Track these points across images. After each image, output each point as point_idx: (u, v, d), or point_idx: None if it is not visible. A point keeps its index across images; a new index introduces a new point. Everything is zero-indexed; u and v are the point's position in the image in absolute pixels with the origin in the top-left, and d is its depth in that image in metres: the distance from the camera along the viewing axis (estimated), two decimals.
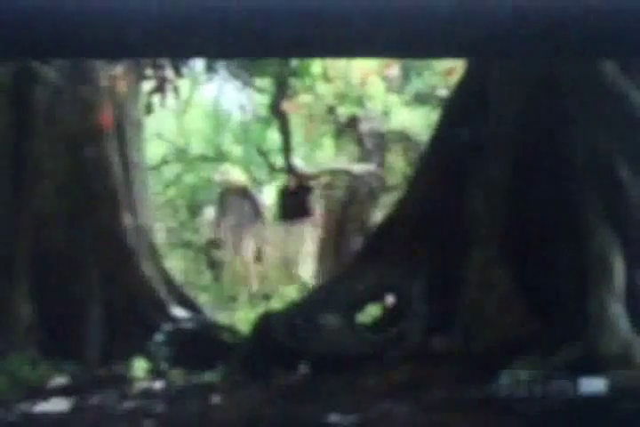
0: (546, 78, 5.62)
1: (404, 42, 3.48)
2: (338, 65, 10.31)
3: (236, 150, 13.53)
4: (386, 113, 10.58)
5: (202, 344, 6.37)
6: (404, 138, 10.69)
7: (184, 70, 7.98)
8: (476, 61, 6.10)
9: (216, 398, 5.03)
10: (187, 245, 12.00)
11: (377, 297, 5.85)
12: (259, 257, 10.34)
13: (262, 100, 12.31)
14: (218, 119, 13.99)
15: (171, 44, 3.54)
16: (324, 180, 10.95)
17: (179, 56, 6.53)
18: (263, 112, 12.63)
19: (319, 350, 5.41)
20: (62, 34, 3.38)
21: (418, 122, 10.33)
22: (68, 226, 6.89)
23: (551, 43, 3.51)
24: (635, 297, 5.07)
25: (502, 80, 5.78)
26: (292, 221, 10.29)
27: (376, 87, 10.45)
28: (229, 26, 3.33)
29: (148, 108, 7.87)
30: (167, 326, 6.59)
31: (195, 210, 12.41)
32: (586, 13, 3.33)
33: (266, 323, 5.71)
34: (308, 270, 10.07)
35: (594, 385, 4.47)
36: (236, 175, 10.98)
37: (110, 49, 3.67)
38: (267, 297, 9.14)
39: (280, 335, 5.51)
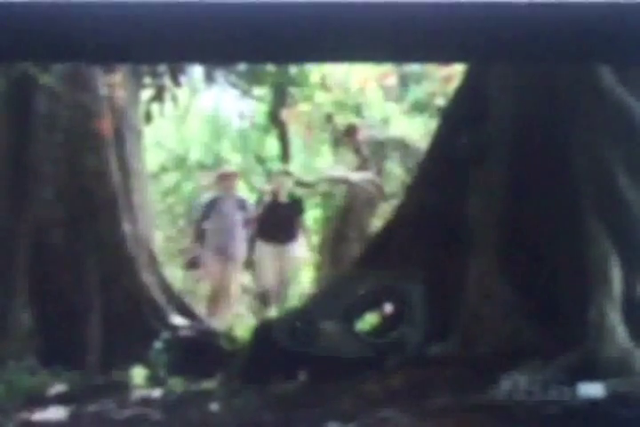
0: (544, 86, 5.64)
1: (402, 46, 3.50)
2: (336, 74, 10.35)
3: (235, 158, 13.55)
4: (384, 121, 10.61)
5: (201, 352, 6.37)
6: (402, 146, 10.70)
7: (182, 79, 8.01)
8: (474, 69, 6.12)
9: (215, 406, 5.02)
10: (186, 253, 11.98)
11: (376, 303, 5.85)
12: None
13: (261, 109, 12.35)
14: (217, 127, 14.02)
15: (170, 49, 3.56)
16: (323, 188, 10.95)
17: (177, 61, 6.56)
18: (262, 120, 12.67)
19: (319, 355, 5.42)
20: (61, 38, 3.40)
21: (416, 130, 10.36)
22: (67, 233, 6.90)
23: (549, 48, 3.53)
24: (633, 305, 5.08)
25: (501, 88, 5.80)
26: (274, 243, 8.90)
27: (374, 95, 10.48)
28: (228, 31, 3.35)
29: (148, 117, 7.91)
30: (166, 334, 6.60)
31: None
32: (584, 19, 3.36)
33: (266, 329, 5.71)
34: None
35: (593, 392, 4.48)
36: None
37: (108, 54, 3.69)
38: None
39: (280, 338, 5.51)
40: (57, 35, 3.36)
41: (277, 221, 8.90)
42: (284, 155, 11.60)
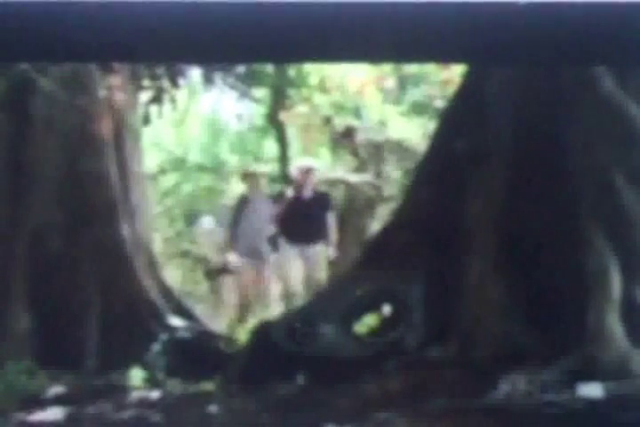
0: (544, 89, 5.65)
1: (402, 46, 3.51)
2: (335, 75, 10.36)
3: (234, 160, 13.56)
4: (383, 123, 10.61)
5: (199, 354, 6.37)
6: (400, 148, 10.71)
7: (181, 81, 8.01)
8: (474, 72, 6.13)
9: (213, 408, 5.02)
10: (184, 254, 12.01)
11: (374, 305, 5.86)
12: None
13: (259, 110, 12.36)
14: (215, 129, 14.03)
15: (169, 49, 3.57)
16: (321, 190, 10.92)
17: (176, 62, 6.56)
18: (260, 122, 12.69)
19: (317, 356, 5.42)
20: (60, 38, 3.40)
21: (415, 132, 10.36)
22: (65, 236, 6.90)
23: (548, 50, 3.54)
24: (631, 308, 5.09)
25: (500, 90, 5.81)
26: (299, 242, 8.21)
27: (373, 98, 10.50)
28: (226, 31, 3.36)
29: (146, 119, 7.91)
30: (164, 336, 6.59)
31: (192, 219, 12.41)
32: (583, 21, 3.36)
33: (265, 330, 5.72)
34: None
35: (591, 393, 4.48)
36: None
37: (107, 54, 3.70)
38: None
39: (279, 339, 5.52)
40: (56, 35, 3.36)
41: (303, 219, 8.16)
42: (283, 156, 11.60)
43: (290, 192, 8.61)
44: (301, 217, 8.17)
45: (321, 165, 9.60)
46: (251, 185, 8.69)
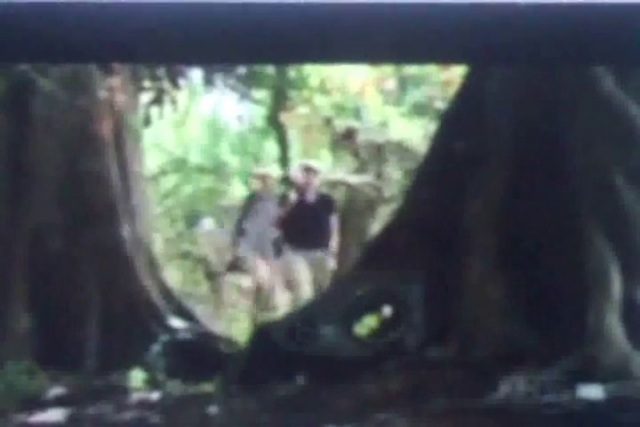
0: (544, 89, 5.65)
1: (402, 47, 3.51)
2: (335, 76, 10.37)
3: (234, 161, 13.57)
4: (383, 124, 10.61)
5: (199, 355, 6.37)
6: (401, 149, 10.71)
7: (182, 82, 8.02)
8: (474, 73, 6.13)
9: (213, 408, 5.02)
10: (185, 255, 12.01)
11: (375, 306, 5.86)
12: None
13: (260, 112, 12.37)
14: (216, 130, 14.04)
15: (167, 49, 3.57)
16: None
17: (175, 62, 6.57)
18: (261, 123, 12.70)
19: (317, 356, 5.42)
20: (60, 38, 3.41)
21: (415, 133, 10.37)
22: (65, 236, 6.90)
23: (548, 50, 3.54)
24: (632, 309, 5.08)
25: (500, 90, 5.81)
26: (303, 248, 8.01)
27: (373, 99, 10.50)
28: (226, 32, 3.37)
29: (147, 120, 7.92)
30: (164, 337, 6.60)
31: (193, 221, 12.42)
32: (583, 21, 3.37)
33: (265, 330, 5.72)
34: None
35: (591, 394, 4.48)
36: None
37: (108, 55, 3.70)
38: None
39: (279, 339, 5.52)
40: (56, 35, 3.37)
41: (307, 223, 8.00)
42: (283, 158, 11.61)
43: (293, 195, 8.60)
44: (306, 221, 8.04)
45: (322, 167, 9.55)
46: (263, 186, 8.74)
